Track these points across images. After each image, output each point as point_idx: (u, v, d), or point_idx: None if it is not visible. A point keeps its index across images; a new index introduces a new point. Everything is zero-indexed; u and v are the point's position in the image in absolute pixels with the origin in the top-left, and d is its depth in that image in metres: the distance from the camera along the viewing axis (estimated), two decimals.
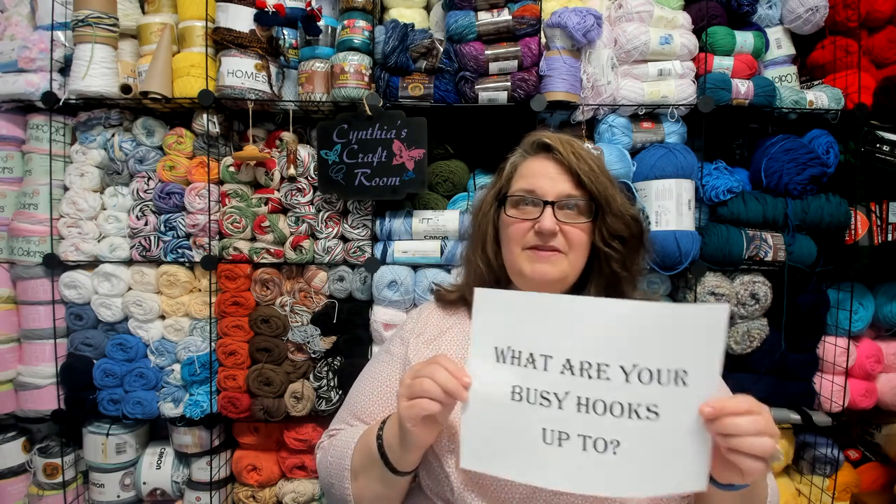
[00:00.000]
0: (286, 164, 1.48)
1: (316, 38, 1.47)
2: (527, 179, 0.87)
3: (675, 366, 0.58)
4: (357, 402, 0.92)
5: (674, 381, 0.58)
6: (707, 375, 0.59)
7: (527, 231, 0.84)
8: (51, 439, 1.63)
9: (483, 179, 1.55)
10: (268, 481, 1.61)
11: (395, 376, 0.91)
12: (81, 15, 1.40)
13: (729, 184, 1.45)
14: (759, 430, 0.57)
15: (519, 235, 0.85)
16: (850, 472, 1.61)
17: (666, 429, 0.59)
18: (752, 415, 0.58)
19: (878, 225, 1.52)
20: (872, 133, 1.48)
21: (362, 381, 0.96)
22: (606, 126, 1.49)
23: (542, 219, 0.82)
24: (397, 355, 0.93)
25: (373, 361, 1.00)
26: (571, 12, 1.39)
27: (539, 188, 0.84)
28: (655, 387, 0.59)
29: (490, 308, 0.65)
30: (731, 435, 0.57)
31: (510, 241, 0.86)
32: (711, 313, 0.58)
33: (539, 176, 0.86)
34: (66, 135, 1.56)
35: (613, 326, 0.60)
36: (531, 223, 0.84)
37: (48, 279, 1.53)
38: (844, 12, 1.53)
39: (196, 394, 1.53)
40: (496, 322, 0.64)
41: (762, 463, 0.58)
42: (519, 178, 0.89)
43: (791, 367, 1.51)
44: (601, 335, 0.60)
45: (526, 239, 0.84)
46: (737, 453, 0.58)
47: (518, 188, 0.87)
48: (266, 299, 1.53)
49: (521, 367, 0.63)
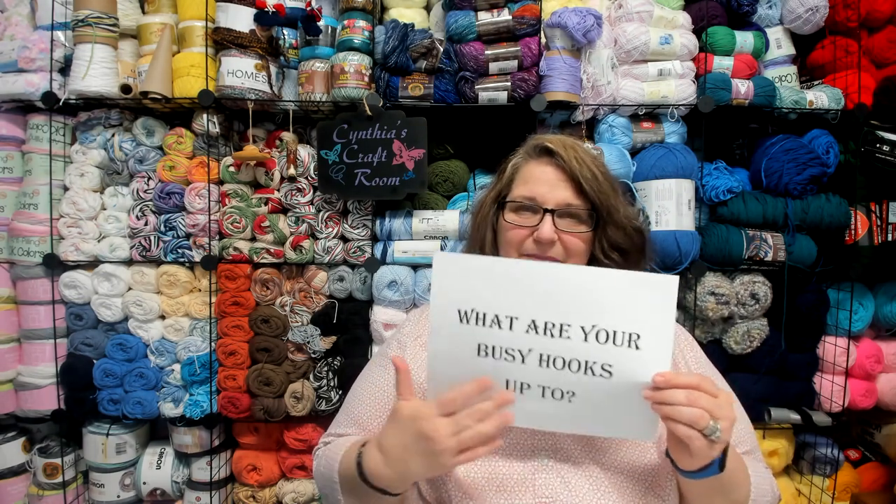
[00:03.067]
0: (286, 164, 1.48)
1: (316, 38, 1.47)
2: (527, 185, 0.85)
3: (629, 329, 0.63)
4: (355, 407, 0.91)
5: (627, 343, 0.64)
6: (658, 342, 0.64)
7: (525, 238, 0.83)
8: (51, 439, 1.63)
9: (483, 179, 1.55)
10: (268, 481, 1.61)
11: (392, 382, 0.88)
12: (81, 15, 1.40)
13: (729, 184, 1.45)
14: (692, 401, 0.61)
15: (517, 242, 0.84)
16: (850, 472, 1.61)
17: (618, 386, 0.65)
18: (695, 390, 0.62)
19: (878, 225, 1.52)
20: (872, 133, 1.48)
21: (360, 385, 0.95)
22: (606, 126, 1.49)
23: (541, 227, 0.81)
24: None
25: (371, 365, 0.98)
26: (571, 12, 1.39)
27: (539, 195, 0.83)
28: (611, 347, 0.64)
29: (452, 272, 0.67)
30: (664, 403, 0.62)
31: (508, 247, 0.85)
32: (663, 281, 0.63)
33: (540, 182, 0.84)
34: (66, 135, 1.56)
35: (576, 289, 0.64)
36: (530, 230, 0.82)
37: (48, 279, 1.53)
38: (844, 12, 1.53)
39: (196, 394, 1.53)
40: (458, 286, 0.67)
41: (698, 434, 0.61)
42: (520, 182, 0.87)
43: (791, 367, 1.51)
44: (565, 298, 0.64)
45: (524, 246, 0.83)
46: (671, 421, 0.62)
47: (518, 194, 0.85)
48: (266, 299, 1.53)
49: (485, 328, 0.66)
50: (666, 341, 0.64)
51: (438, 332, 0.68)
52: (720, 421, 0.61)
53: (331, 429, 0.95)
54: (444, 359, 0.69)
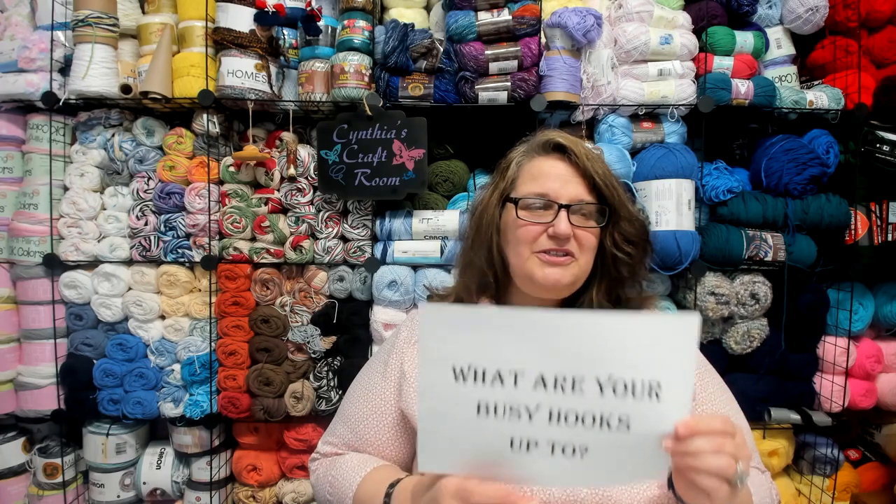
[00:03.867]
0: (286, 164, 1.48)
1: (316, 38, 1.47)
2: (537, 181, 0.84)
3: (648, 377, 0.58)
4: (352, 413, 0.90)
5: (647, 393, 0.58)
6: (679, 389, 0.58)
7: (538, 234, 0.82)
8: (51, 439, 1.63)
9: (483, 179, 1.55)
10: (268, 481, 1.61)
11: (389, 390, 0.89)
12: (81, 15, 1.40)
13: (729, 184, 1.45)
14: (718, 448, 0.56)
15: (530, 239, 0.82)
16: (850, 472, 1.61)
17: (636, 437, 0.59)
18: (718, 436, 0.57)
19: (878, 225, 1.52)
20: (872, 133, 1.48)
21: (357, 390, 0.94)
22: (606, 126, 1.49)
23: (558, 223, 0.80)
24: (393, 367, 0.90)
25: (368, 369, 0.97)
26: (571, 12, 1.39)
27: (552, 190, 0.82)
28: (629, 398, 0.58)
29: (443, 325, 0.60)
30: (688, 454, 0.57)
31: (519, 245, 0.83)
32: (682, 322, 0.57)
33: (551, 177, 0.83)
34: (66, 135, 1.56)
35: (590, 339, 0.58)
36: (543, 227, 0.82)
37: (48, 279, 1.53)
38: (844, 12, 1.53)
39: (196, 394, 1.53)
40: (451, 340, 0.60)
41: (723, 484, 0.56)
42: (527, 178, 0.86)
43: (791, 367, 1.51)
44: (576, 349, 0.58)
45: (538, 242, 0.82)
46: (695, 471, 0.57)
47: (529, 190, 0.84)
48: (266, 299, 1.53)
49: (486, 385, 0.60)
50: (687, 387, 0.58)
51: (430, 391, 0.61)
52: (742, 461, 0.57)
53: (327, 434, 0.94)
54: (438, 419, 0.61)
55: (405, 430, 0.87)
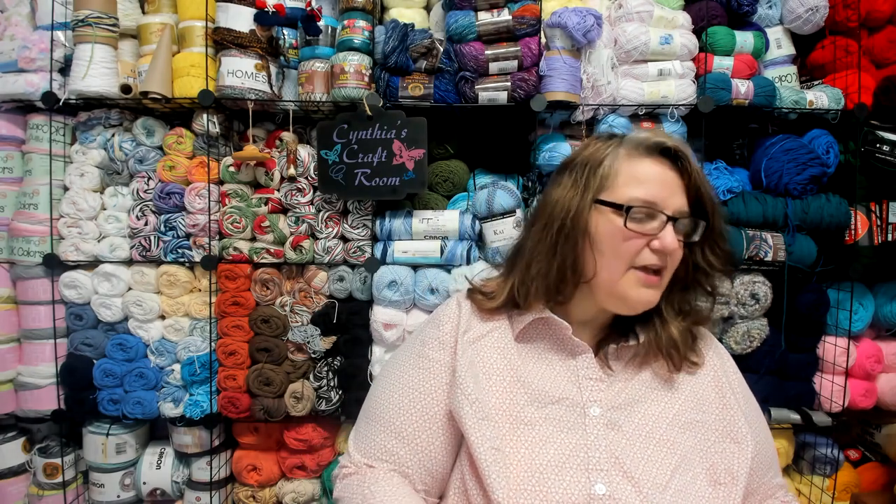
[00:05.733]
0: (286, 164, 1.48)
1: (316, 38, 1.47)
2: (645, 186, 0.76)
3: None
4: (391, 415, 0.83)
5: None
6: None
7: (641, 248, 0.76)
8: (51, 439, 1.63)
9: (483, 179, 1.55)
10: (268, 481, 1.61)
11: (439, 387, 0.82)
12: (81, 15, 1.40)
13: (729, 184, 1.45)
14: None
15: (633, 252, 0.76)
16: (850, 472, 1.61)
17: None
18: None
19: (878, 225, 1.52)
20: (872, 133, 1.48)
21: (393, 389, 0.85)
22: (606, 126, 1.48)
23: (664, 236, 0.75)
24: (439, 361, 0.84)
25: (401, 366, 0.88)
26: (571, 12, 1.39)
27: (661, 199, 0.76)
28: None
29: None
30: None
31: (617, 258, 0.77)
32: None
33: (660, 185, 0.77)
34: (66, 135, 1.56)
35: None
36: (647, 239, 0.76)
37: (48, 279, 1.53)
38: (844, 12, 1.53)
39: (196, 394, 1.53)
40: None
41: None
42: (632, 181, 0.77)
43: (791, 367, 1.51)
44: None
45: (640, 257, 0.76)
46: None
47: (634, 196, 0.76)
48: (266, 299, 1.53)
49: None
50: None
51: None
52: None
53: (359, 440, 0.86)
54: None
55: (453, 434, 0.82)
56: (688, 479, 0.74)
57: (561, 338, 0.85)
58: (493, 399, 0.78)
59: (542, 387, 0.81)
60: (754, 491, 0.82)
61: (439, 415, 0.82)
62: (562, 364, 0.83)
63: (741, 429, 0.79)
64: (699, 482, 0.75)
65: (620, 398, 0.80)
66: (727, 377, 0.86)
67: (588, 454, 0.74)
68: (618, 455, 0.74)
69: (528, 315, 0.85)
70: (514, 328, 0.87)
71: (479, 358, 0.82)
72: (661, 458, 0.75)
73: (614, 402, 0.80)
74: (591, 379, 0.81)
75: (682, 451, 0.76)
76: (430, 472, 0.82)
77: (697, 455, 0.77)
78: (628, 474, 0.73)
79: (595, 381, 0.81)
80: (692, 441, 0.78)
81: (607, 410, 0.79)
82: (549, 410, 0.79)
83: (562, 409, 0.79)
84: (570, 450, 0.75)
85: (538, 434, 0.76)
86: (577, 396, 0.80)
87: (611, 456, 0.74)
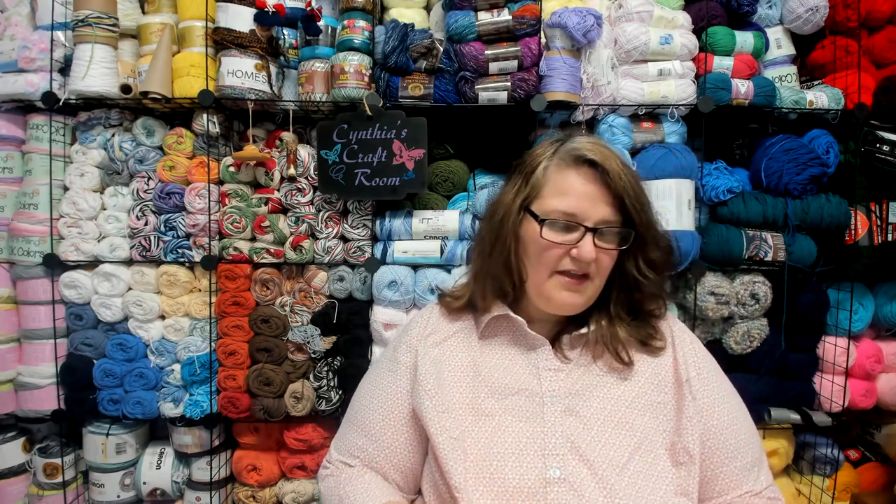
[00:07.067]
0: (286, 164, 1.48)
1: (316, 38, 1.47)
2: (566, 198, 0.80)
3: None
4: (364, 416, 0.89)
5: None
6: None
7: (562, 256, 0.80)
8: (51, 439, 1.63)
9: (483, 179, 1.55)
10: (268, 481, 1.61)
11: (403, 388, 0.88)
12: (81, 15, 1.40)
13: (729, 184, 1.45)
14: None
15: (554, 259, 0.80)
16: (850, 472, 1.61)
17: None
18: None
19: (878, 225, 1.52)
20: (872, 133, 1.48)
21: (366, 391, 0.92)
22: (606, 126, 1.49)
23: (582, 246, 0.78)
24: (404, 364, 0.90)
25: (376, 369, 0.96)
26: (571, 12, 1.39)
27: (581, 212, 0.79)
28: None
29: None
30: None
31: (540, 264, 0.82)
32: None
33: (580, 196, 0.79)
34: (66, 135, 1.56)
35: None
36: (567, 248, 0.79)
37: (48, 279, 1.53)
38: (844, 12, 1.53)
39: (196, 394, 1.53)
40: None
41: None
42: (554, 191, 0.81)
43: (791, 367, 1.51)
44: None
45: (560, 264, 0.80)
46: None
47: (556, 207, 0.80)
48: (266, 299, 1.53)
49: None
50: None
51: None
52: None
53: (338, 440, 0.93)
54: None
55: (417, 431, 0.86)
56: (649, 459, 0.76)
57: (519, 332, 0.88)
58: (454, 393, 0.82)
59: (503, 380, 0.84)
60: (713, 478, 0.80)
61: (403, 413, 0.87)
62: (522, 357, 0.87)
63: (688, 406, 0.80)
64: (661, 462, 0.76)
65: (578, 385, 0.83)
66: (685, 361, 0.85)
67: (545, 441, 0.77)
68: (573, 440, 0.77)
69: (489, 314, 0.89)
70: (478, 327, 0.91)
71: (444, 357, 0.87)
72: (620, 440, 0.77)
73: (572, 389, 0.82)
74: (550, 370, 0.84)
75: (641, 432, 0.78)
76: (398, 467, 0.87)
77: (659, 436, 0.79)
78: (584, 457, 0.75)
79: (554, 372, 0.84)
80: (654, 423, 0.79)
81: (565, 398, 0.81)
82: (508, 402, 0.82)
83: (521, 399, 0.82)
84: (527, 437, 0.77)
85: (497, 424, 0.80)
86: (537, 387, 0.83)
87: (567, 441, 0.77)
